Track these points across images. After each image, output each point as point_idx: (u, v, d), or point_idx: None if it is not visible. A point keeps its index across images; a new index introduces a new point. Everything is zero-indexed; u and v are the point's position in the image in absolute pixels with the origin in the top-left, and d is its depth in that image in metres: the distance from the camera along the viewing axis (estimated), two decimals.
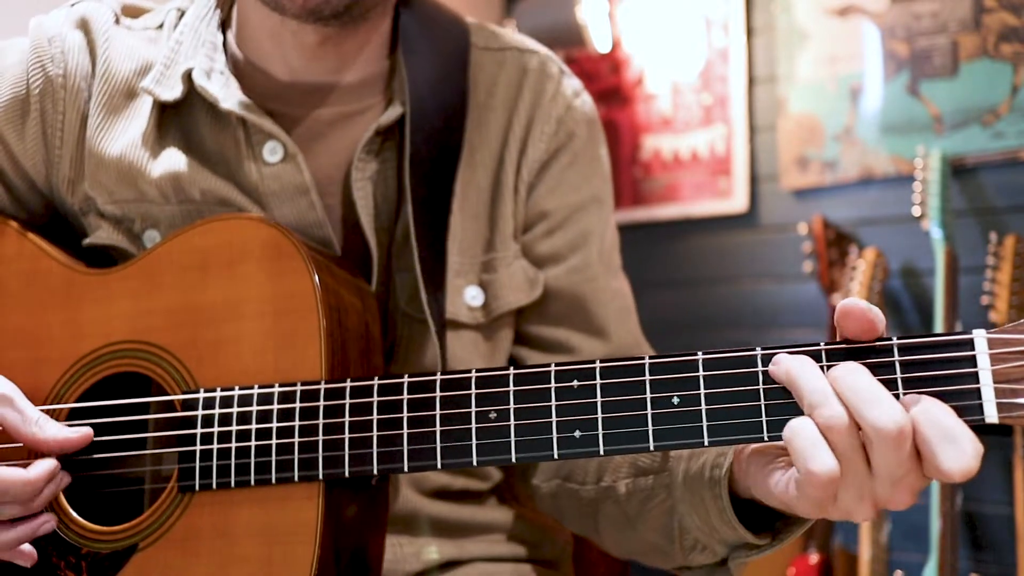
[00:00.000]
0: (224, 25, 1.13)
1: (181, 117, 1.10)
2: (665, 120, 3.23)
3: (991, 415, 0.72)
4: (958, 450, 0.70)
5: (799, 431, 0.74)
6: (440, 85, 1.10)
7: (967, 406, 0.73)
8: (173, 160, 1.07)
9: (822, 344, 0.78)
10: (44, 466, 0.91)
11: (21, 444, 0.93)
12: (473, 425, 0.86)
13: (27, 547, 0.93)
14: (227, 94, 1.06)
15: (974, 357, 0.74)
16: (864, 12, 2.81)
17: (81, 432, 0.94)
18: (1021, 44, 2.53)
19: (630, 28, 3.30)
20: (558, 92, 1.17)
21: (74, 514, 0.96)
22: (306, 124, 1.10)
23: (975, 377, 0.73)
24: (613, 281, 1.19)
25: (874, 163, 2.79)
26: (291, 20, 1.04)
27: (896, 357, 0.76)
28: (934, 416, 0.71)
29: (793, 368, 0.76)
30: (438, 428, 0.87)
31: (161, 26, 1.14)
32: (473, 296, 1.11)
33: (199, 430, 0.93)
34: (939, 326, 2.33)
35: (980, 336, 0.74)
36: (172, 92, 1.08)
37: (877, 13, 2.79)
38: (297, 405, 0.91)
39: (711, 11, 3.13)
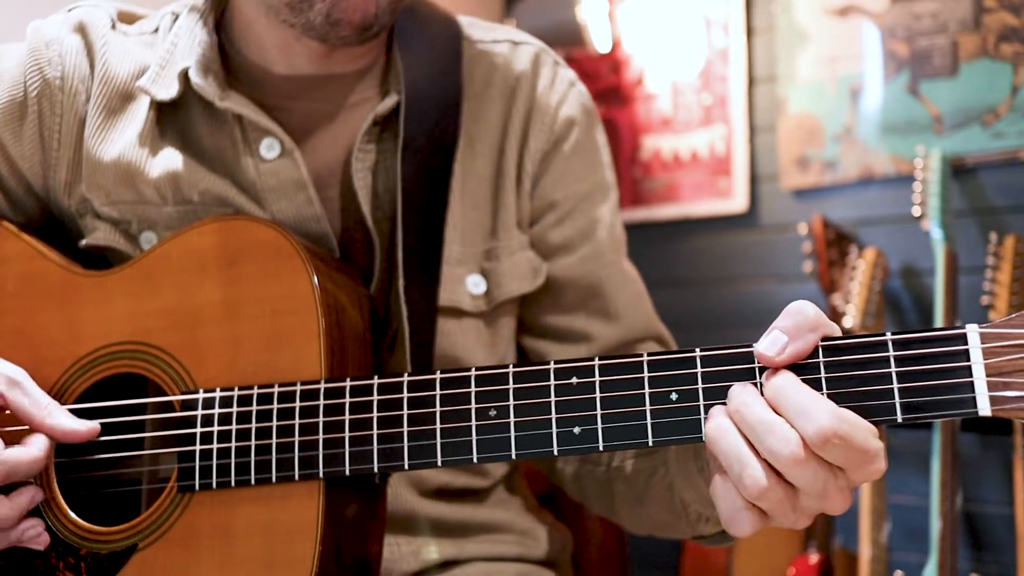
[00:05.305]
0: (220, 23, 1.14)
1: (178, 116, 1.10)
2: (665, 120, 3.23)
3: (984, 408, 0.74)
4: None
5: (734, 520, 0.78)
6: (435, 76, 1.11)
7: (961, 399, 0.74)
8: (171, 160, 1.07)
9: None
10: (43, 441, 0.93)
11: (24, 427, 0.94)
12: (473, 422, 0.87)
13: (39, 529, 0.94)
14: (223, 92, 1.06)
15: (967, 351, 0.75)
16: (864, 12, 2.81)
17: (88, 426, 0.94)
18: (1021, 44, 2.53)
19: (630, 28, 3.30)
20: (555, 82, 1.18)
21: (72, 514, 0.96)
22: (305, 117, 1.10)
23: (968, 371, 0.74)
24: (626, 266, 1.21)
25: (874, 163, 2.79)
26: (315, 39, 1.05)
27: (891, 352, 0.76)
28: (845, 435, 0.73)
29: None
30: (438, 426, 0.88)
31: (156, 30, 1.15)
32: (475, 284, 1.11)
33: (199, 430, 0.93)
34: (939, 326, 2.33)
35: (973, 330, 0.75)
36: (168, 91, 1.08)
37: (877, 13, 2.79)
38: (297, 404, 0.91)
39: (711, 11, 3.13)
